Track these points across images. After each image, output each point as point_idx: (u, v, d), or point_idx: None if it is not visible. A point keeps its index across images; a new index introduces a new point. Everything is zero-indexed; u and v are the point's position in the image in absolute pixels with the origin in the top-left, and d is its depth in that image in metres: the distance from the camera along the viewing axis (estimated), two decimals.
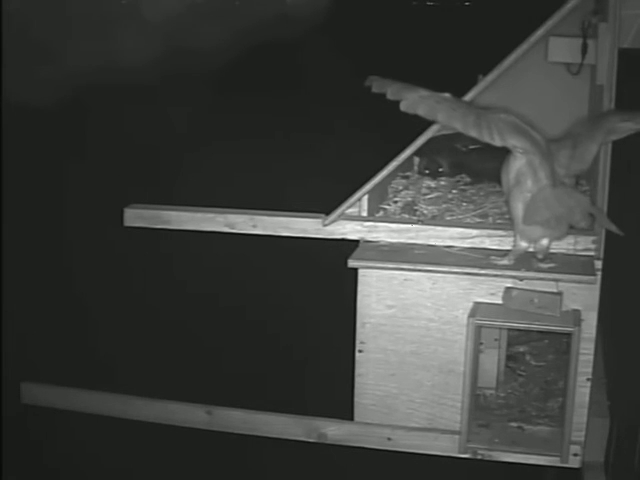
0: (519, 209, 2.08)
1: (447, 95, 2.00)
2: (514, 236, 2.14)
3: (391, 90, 1.99)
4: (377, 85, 2.01)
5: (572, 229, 2.13)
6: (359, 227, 2.28)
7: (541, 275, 2.11)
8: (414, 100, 1.98)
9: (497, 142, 1.99)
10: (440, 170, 2.69)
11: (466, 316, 2.17)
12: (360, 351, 2.27)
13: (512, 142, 2.00)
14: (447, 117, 1.97)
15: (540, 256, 2.13)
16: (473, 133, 1.98)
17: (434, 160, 2.69)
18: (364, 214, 2.31)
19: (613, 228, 2.08)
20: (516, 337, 2.65)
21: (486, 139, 1.98)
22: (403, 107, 1.99)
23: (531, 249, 2.14)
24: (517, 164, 2.05)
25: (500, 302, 2.17)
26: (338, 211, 2.28)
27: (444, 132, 2.56)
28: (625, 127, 2.06)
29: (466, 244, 2.23)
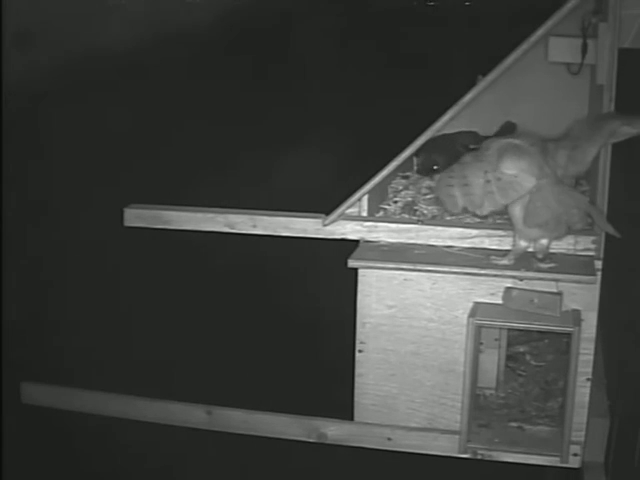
0: (517, 209, 2.08)
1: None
2: (513, 236, 2.14)
3: (467, 201, 2.10)
4: (450, 204, 2.13)
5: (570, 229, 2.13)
6: (359, 227, 2.28)
7: (541, 275, 2.11)
8: (479, 198, 2.08)
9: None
10: (435, 168, 2.68)
11: (466, 316, 2.17)
12: (360, 351, 2.27)
13: (510, 172, 2.05)
14: (495, 203, 2.08)
15: (540, 256, 2.13)
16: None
17: (429, 158, 2.68)
18: (364, 214, 2.31)
19: (610, 230, 2.07)
20: (516, 337, 2.65)
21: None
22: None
23: (531, 249, 2.14)
24: None
25: (500, 302, 2.17)
26: (338, 211, 2.28)
27: (444, 132, 2.56)
28: (624, 131, 2.06)
29: (466, 244, 2.23)
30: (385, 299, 2.23)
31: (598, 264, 2.14)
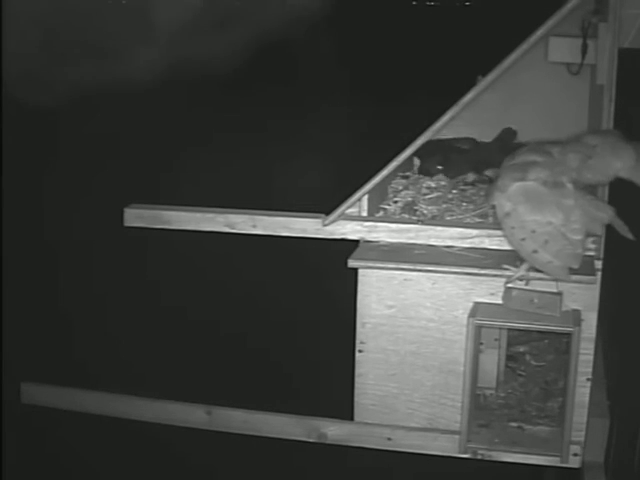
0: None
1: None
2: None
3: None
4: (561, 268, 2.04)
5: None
6: (359, 227, 2.28)
7: (541, 275, 2.11)
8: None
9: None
10: (439, 168, 2.68)
11: (466, 316, 2.16)
12: (360, 351, 2.27)
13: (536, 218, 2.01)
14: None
15: None
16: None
17: (429, 158, 2.69)
18: (364, 214, 2.31)
19: (631, 236, 2.04)
20: (516, 337, 2.64)
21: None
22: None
23: None
24: None
25: (500, 302, 2.17)
26: (338, 211, 2.28)
27: (443, 135, 2.57)
28: None
29: (466, 244, 2.23)
30: (385, 299, 2.23)
31: (598, 264, 2.14)
